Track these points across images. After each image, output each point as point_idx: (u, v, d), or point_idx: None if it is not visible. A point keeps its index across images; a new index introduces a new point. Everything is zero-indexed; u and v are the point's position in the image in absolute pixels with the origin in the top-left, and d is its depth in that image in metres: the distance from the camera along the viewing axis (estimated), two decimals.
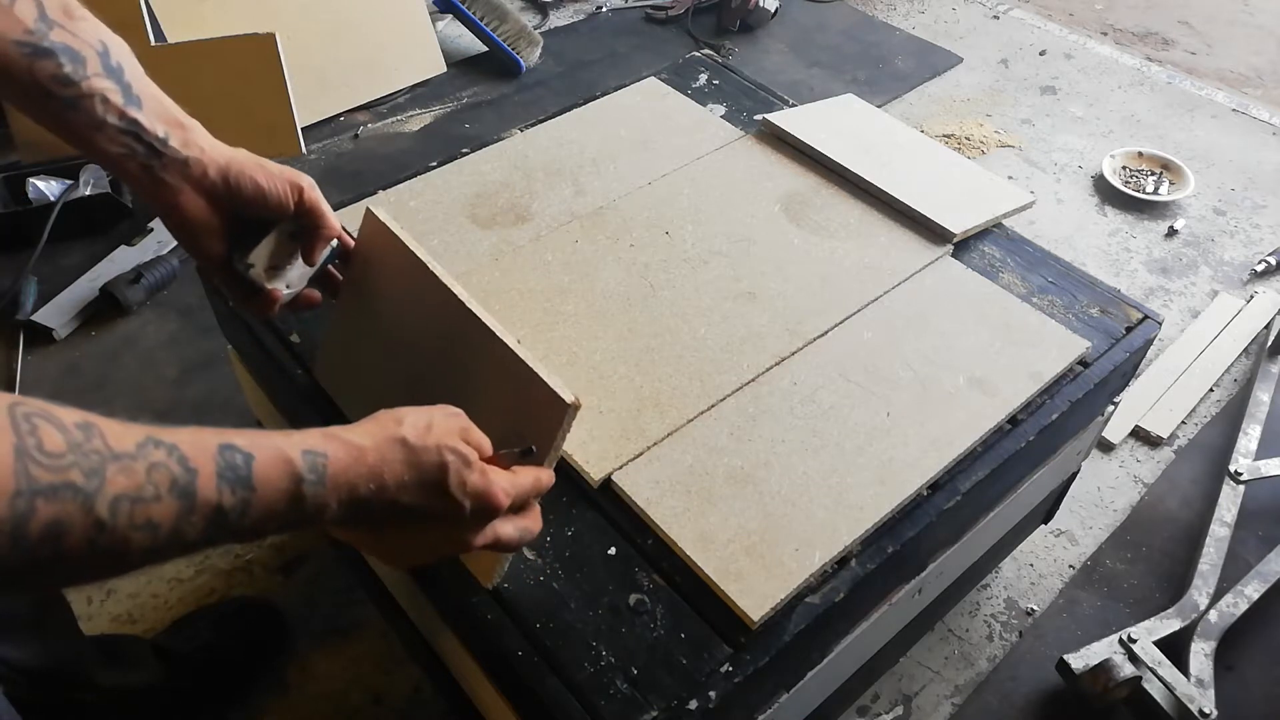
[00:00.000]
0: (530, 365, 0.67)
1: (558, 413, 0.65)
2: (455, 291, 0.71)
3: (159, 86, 0.67)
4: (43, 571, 0.40)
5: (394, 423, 0.57)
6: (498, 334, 0.69)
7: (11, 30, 0.59)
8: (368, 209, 0.79)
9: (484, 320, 0.70)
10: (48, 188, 1.70)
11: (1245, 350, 1.67)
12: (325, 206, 0.75)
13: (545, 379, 0.66)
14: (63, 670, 0.89)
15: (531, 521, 0.65)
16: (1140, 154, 2.05)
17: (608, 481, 0.82)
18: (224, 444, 0.47)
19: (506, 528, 0.62)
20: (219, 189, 0.68)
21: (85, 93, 0.62)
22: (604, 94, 1.28)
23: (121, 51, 0.64)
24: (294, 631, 1.21)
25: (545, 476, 0.65)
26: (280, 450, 0.49)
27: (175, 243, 1.71)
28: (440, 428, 0.58)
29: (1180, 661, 1.15)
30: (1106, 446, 1.50)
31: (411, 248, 0.75)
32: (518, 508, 0.63)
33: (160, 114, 0.65)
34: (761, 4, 2.37)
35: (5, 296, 1.59)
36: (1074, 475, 1.22)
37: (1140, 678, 1.12)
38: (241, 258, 0.72)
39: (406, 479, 0.55)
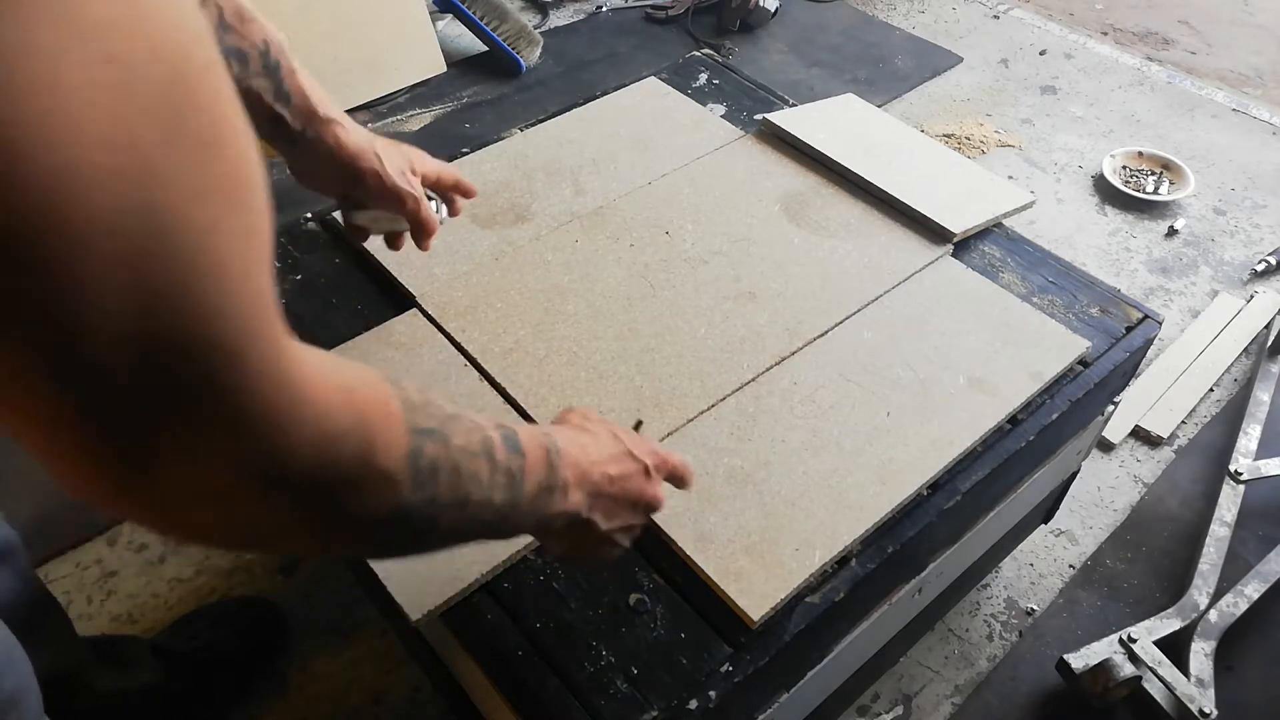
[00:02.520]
0: None
1: None
2: None
3: None
4: (424, 515, 0.44)
5: (569, 421, 0.65)
6: None
7: None
8: None
9: None
10: None
11: (1245, 350, 1.67)
12: (444, 173, 0.85)
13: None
14: (60, 679, 0.90)
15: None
16: (1140, 154, 2.05)
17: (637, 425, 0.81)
18: (496, 421, 0.52)
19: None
20: (344, 176, 0.78)
21: (244, 90, 0.69)
22: (604, 94, 1.28)
23: (281, 49, 0.71)
24: (294, 631, 1.21)
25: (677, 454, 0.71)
26: (528, 427, 0.56)
27: None
28: (599, 421, 0.66)
29: (1180, 661, 1.15)
30: (1106, 446, 1.50)
31: None
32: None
33: (303, 108, 0.74)
34: (761, 4, 2.37)
35: None
36: (1074, 475, 1.22)
37: (1140, 677, 1.12)
38: (350, 216, 0.83)
39: (604, 453, 0.62)
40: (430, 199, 0.86)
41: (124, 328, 0.29)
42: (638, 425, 0.77)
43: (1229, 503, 1.35)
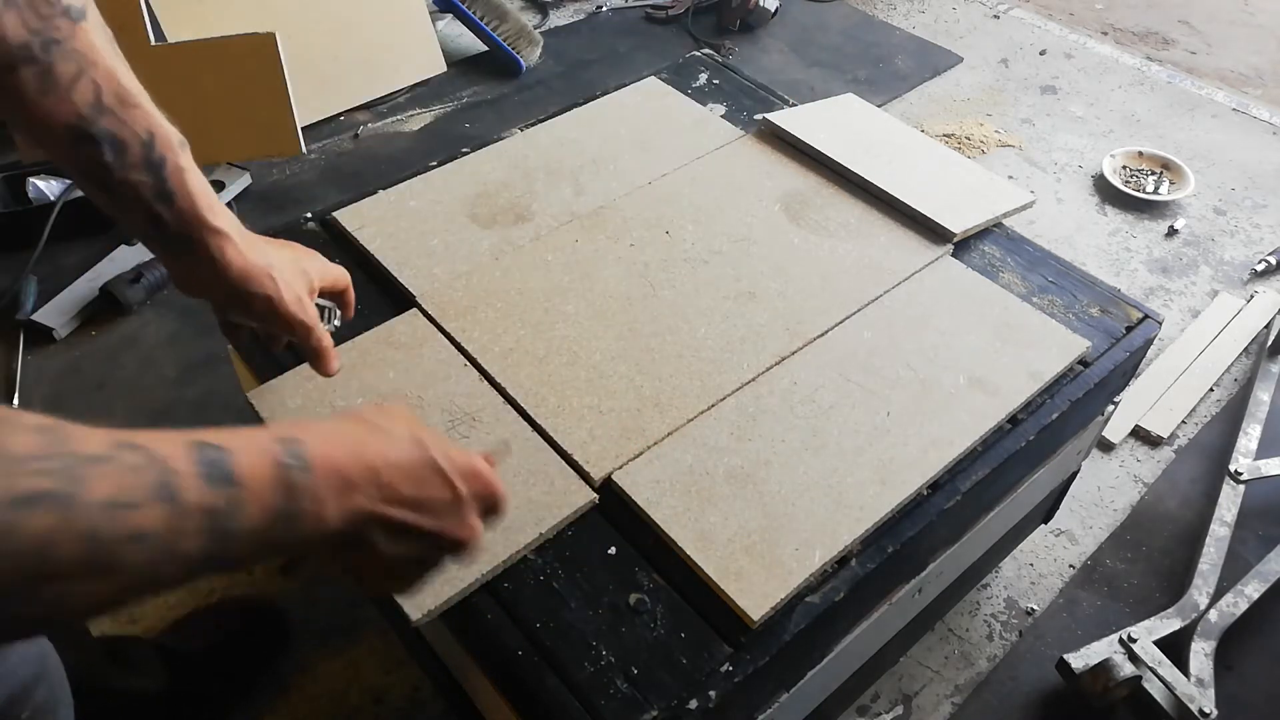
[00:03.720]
0: None
1: None
2: None
3: (160, 87, 0.67)
4: (33, 595, 0.37)
5: (356, 413, 0.53)
6: None
7: (64, 115, 0.60)
8: None
9: None
10: (48, 187, 1.70)
11: (1245, 350, 1.67)
12: (338, 280, 0.79)
13: None
14: (80, 681, 0.90)
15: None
16: (1140, 153, 2.05)
17: (608, 481, 0.82)
18: (196, 441, 0.42)
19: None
20: (230, 296, 0.70)
21: (120, 181, 0.63)
22: (604, 93, 1.28)
23: (169, 143, 0.65)
24: (294, 631, 1.21)
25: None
26: (254, 439, 0.45)
27: None
28: (402, 416, 0.54)
29: (1180, 661, 1.15)
30: (1106, 446, 1.50)
31: None
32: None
33: (188, 213, 0.66)
34: (761, 3, 2.37)
35: (5, 296, 1.59)
36: (1074, 475, 1.22)
37: (1140, 677, 1.12)
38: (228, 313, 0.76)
39: (393, 457, 0.50)
40: (323, 309, 0.80)
41: None
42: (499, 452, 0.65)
43: (1229, 503, 1.35)
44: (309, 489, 0.46)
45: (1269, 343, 1.62)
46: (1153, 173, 2.02)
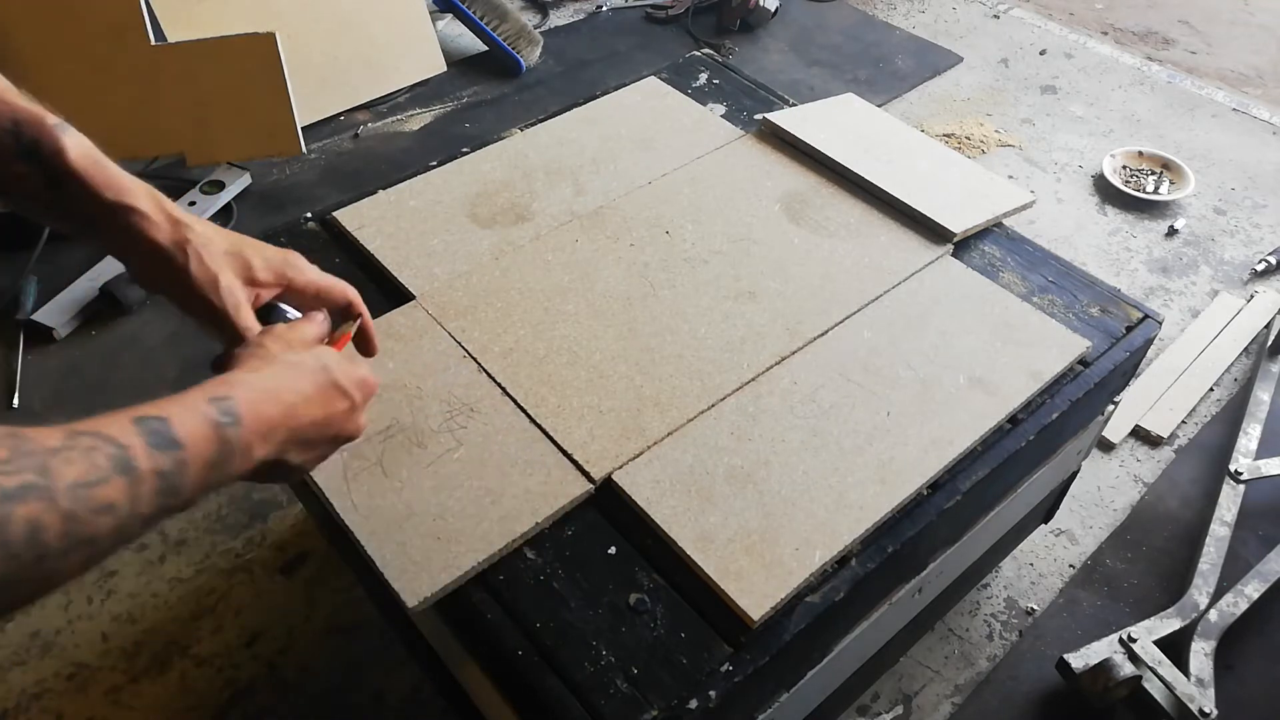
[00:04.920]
0: None
1: None
2: None
3: (160, 87, 0.67)
4: (29, 575, 0.42)
5: (259, 348, 0.60)
6: None
7: None
8: None
9: None
10: None
11: (1245, 350, 1.67)
12: (332, 290, 0.72)
13: None
14: None
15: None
16: (1140, 153, 2.05)
17: (608, 481, 0.82)
18: (138, 416, 0.48)
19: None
20: (160, 280, 0.65)
21: (6, 179, 0.60)
22: (604, 93, 1.28)
23: (39, 126, 0.60)
24: (295, 631, 1.22)
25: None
26: (188, 404, 0.51)
27: None
28: (289, 336, 0.62)
29: (1180, 661, 1.15)
30: (1107, 446, 1.50)
31: None
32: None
33: (83, 196, 0.61)
34: (762, 3, 2.37)
35: (5, 296, 1.59)
36: (1074, 475, 1.22)
37: (1140, 677, 1.12)
38: None
39: (307, 390, 0.59)
40: (276, 312, 0.69)
41: None
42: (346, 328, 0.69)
43: (1229, 502, 1.35)
44: (239, 439, 0.53)
45: (1269, 343, 1.62)
46: (1153, 172, 2.02)
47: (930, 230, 1.07)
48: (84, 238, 0.64)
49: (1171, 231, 1.91)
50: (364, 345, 0.76)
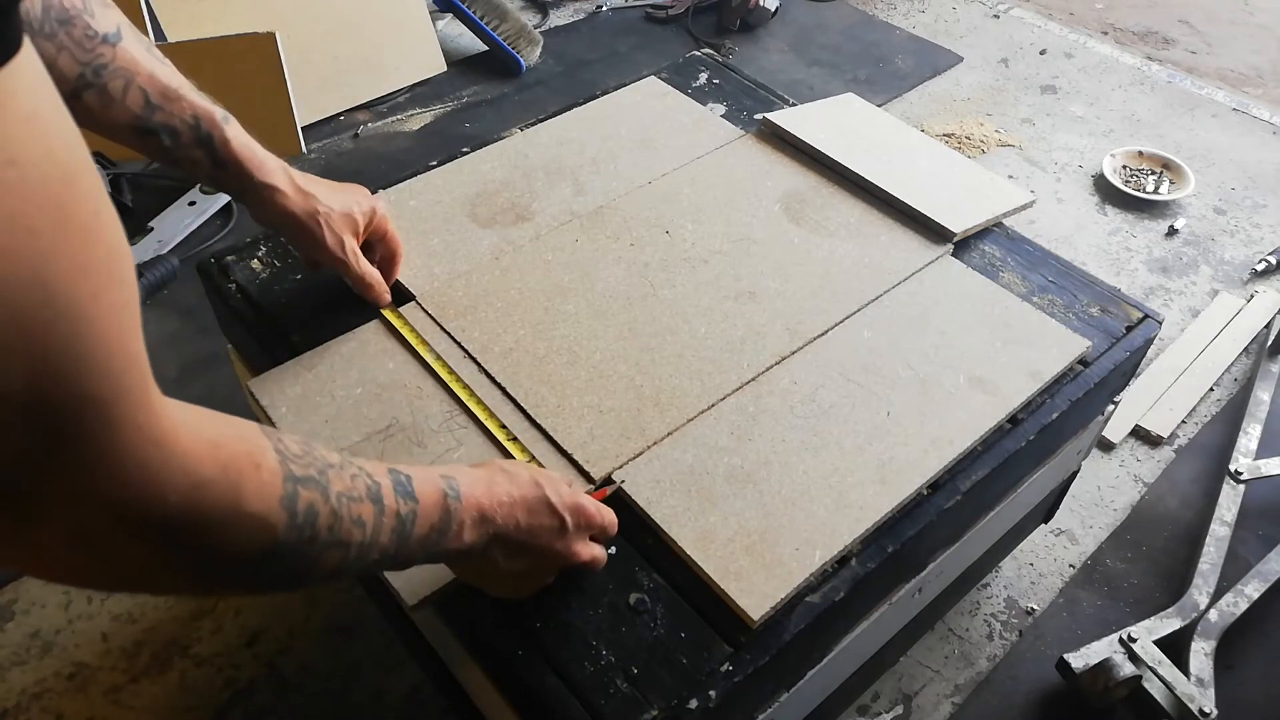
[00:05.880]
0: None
1: None
2: None
3: None
4: (299, 551, 0.48)
5: (490, 463, 0.68)
6: None
7: (125, 119, 0.74)
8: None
9: None
10: None
11: (1245, 349, 1.67)
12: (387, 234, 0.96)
13: None
14: None
15: (601, 550, 0.74)
16: (1141, 153, 2.05)
17: (608, 480, 0.82)
18: (389, 468, 0.57)
19: (595, 547, 0.73)
20: (285, 236, 0.88)
21: (181, 158, 0.79)
22: (604, 93, 1.27)
23: (213, 120, 0.79)
24: (295, 631, 1.22)
25: (610, 514, 0.75)
26: (427, 472, 0.60)
27: (174, 242, 1.71)
28: (525, 466, 0.70)
29: (1180, 661, 1.15)
30: (1107, 446, 1.50)
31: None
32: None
33: (240, 174, 0.81)
34: (762, 3, 2.37)
35: None
36: (1074, 474, 1.22)
37: (1140, 677, 1.12)
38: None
39: (516, 495, 0.65)
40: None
41: (11, 385, 0.33)
42: (608, 483, 0.80)
43: (1229, 502, 1.35)
44: (458, 513, 0.60)
45: (1269, 342, 1.62)
46: (1153, 172, 2.02)
47: (930, 230, 1.07)
48: (235, 199, 0.87)
49: (1171, 231, 1.91)
50: (388, 266, 0.97)
